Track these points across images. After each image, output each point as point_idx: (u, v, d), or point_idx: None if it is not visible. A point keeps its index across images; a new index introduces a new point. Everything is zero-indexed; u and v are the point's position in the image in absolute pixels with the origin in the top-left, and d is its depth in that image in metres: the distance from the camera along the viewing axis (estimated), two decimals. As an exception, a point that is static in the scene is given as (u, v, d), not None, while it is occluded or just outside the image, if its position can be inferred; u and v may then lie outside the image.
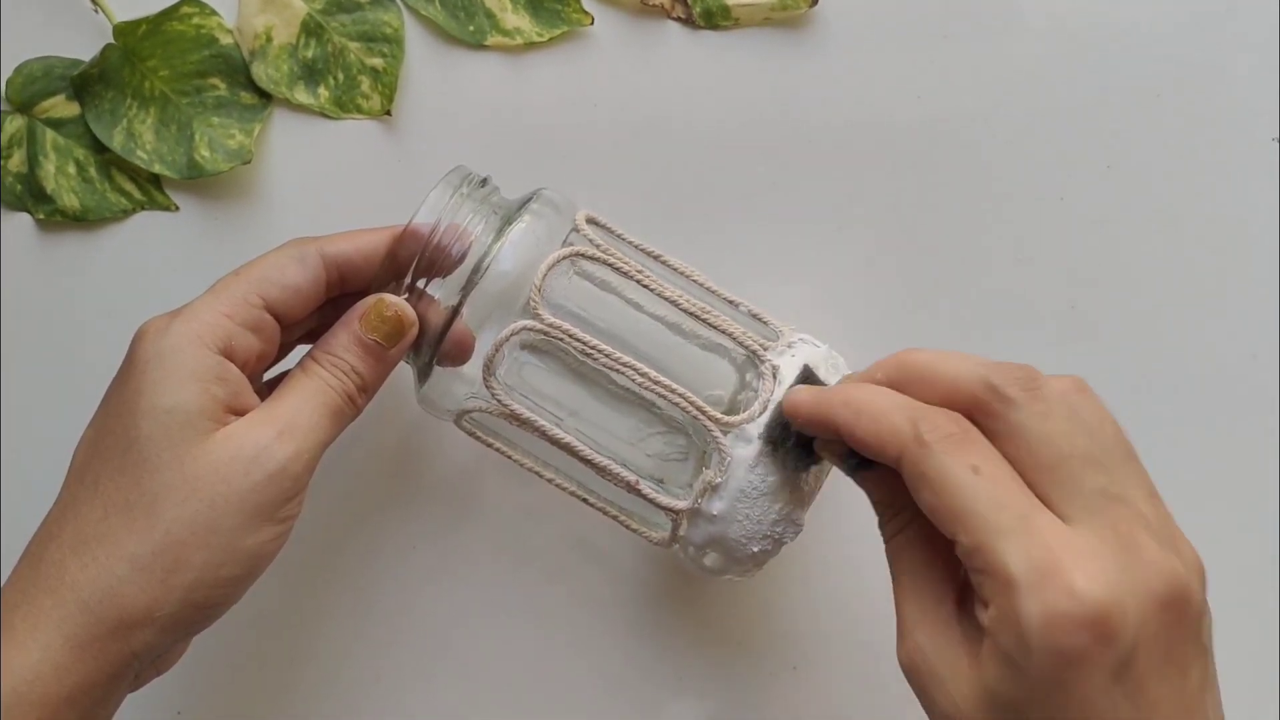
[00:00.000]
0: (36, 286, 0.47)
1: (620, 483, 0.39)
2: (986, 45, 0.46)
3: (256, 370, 0.39)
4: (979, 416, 0.32)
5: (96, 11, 0.46)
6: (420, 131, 0.47)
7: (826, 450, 0.36)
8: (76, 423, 0.37)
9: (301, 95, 0.47)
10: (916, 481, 0.31)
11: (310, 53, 0.46)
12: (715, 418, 0.38)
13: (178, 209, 0.47)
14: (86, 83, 0.46)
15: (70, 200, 0.47)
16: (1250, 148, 0.46)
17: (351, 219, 0.41)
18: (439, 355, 0.39)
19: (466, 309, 0.38)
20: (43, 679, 0.33)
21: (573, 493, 0.42)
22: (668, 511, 0.39)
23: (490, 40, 0.46)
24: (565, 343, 0.38)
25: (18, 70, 0.46)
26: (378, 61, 0.46)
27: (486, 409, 0.40)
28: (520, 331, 0.38)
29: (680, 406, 0.38)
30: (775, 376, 0.39)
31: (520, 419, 0.39)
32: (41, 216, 0.47)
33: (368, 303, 0.38)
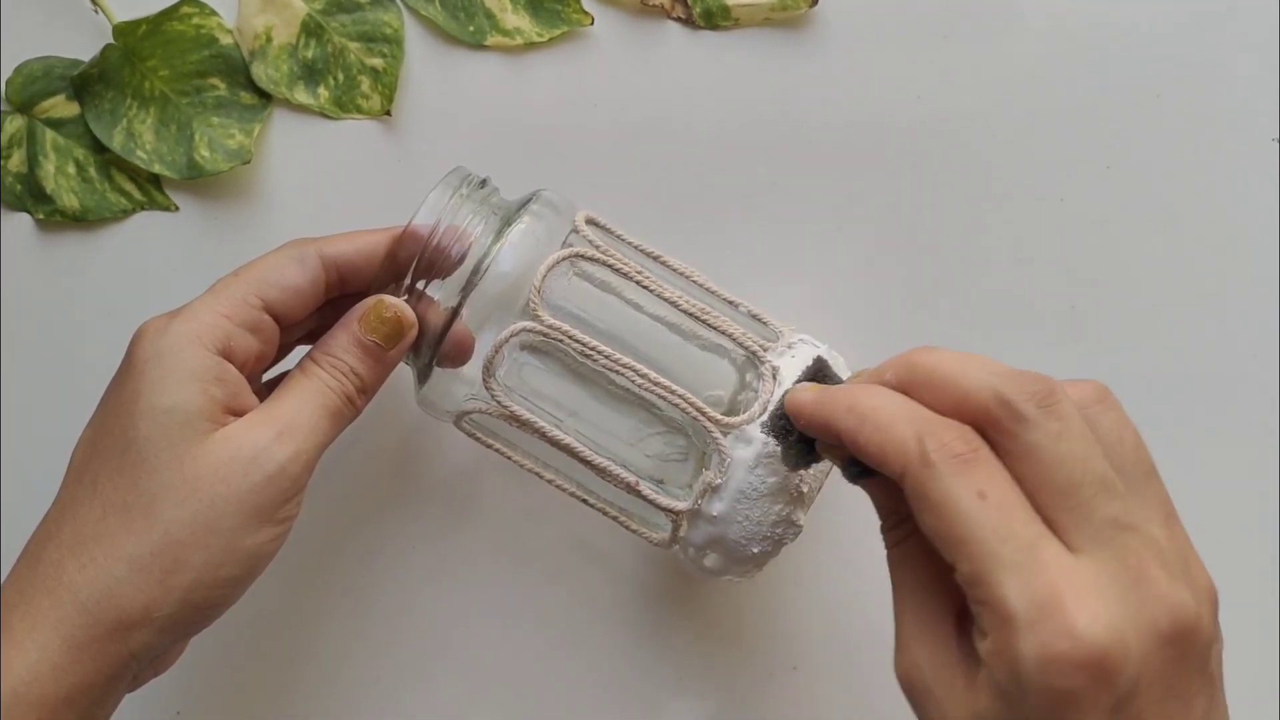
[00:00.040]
0: (36, 286, 0.47)
1: (620, 483, 0.39)
2: (986, 45, 0.46)
3: (255, 371, 0.39)
4: (990, 431, 0.30)
5: (96, 11, 0.46)
6: (420, 131, 0.47)
7: (829, 452, 0.35)
8: (76, 423, 0.37)
9: (301, 95, 0.46)
10: (919, 502, 0.30)
11: (310, 53, 0.46)
12: (715, 418, 0.38)
13: (178, 209, 0.47)
14: (86, 83, 0.46)
15: (70, 200, 0.46)
16: (1250, 148, 0.46)
17: (351, 219, 0.41)
18: (438, 356, 0.39)
19: (466, 310, 0.38)
20: (40, 680, 0.33)
21: (572, 494, 0.42)
22: (668, 512, 0.39)
23: (490, 40, 0.46)
24: (565, 344, 0.38)
25: (18, 70, 0.46)
26: (378, 61, 0.46)
27: (486, 410, 0.40)
28: (520, 332, 0.38)
29: (680, 407, 0.38)
30: (775, 377, 0.39)
31: (520, 420, 0.39)
32: (41, 216, 0.47)
33: (367, 304, 0.38)
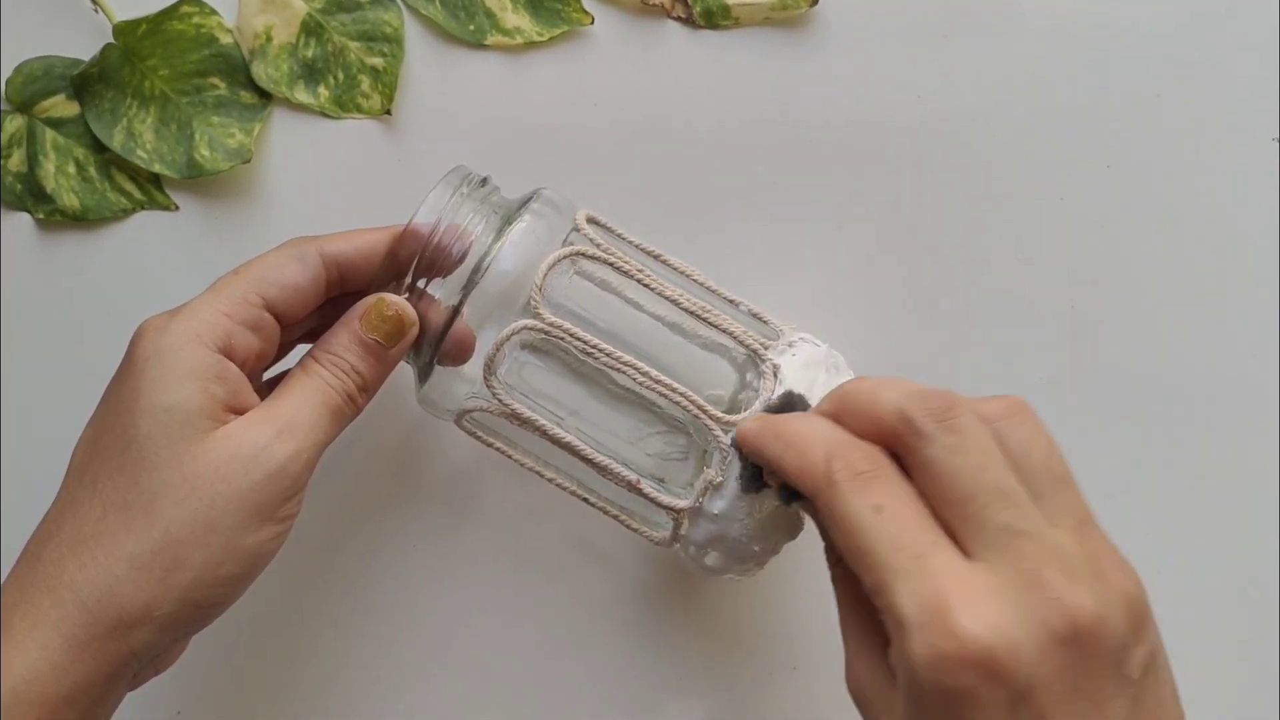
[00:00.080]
0: (36, 286, 0.47)
1: (621, 482, 0.39)
2: (986, 45, 0.46)
3: (256, 369, 0.39)
4: (898, 449, 0.31)
5: (96, 11, 0.46)
6: (420, 131, 0.47)
7: (771, 478, 0.36)
8: (76, 422, 0.37)
9: (301, 95, 0.46)
10: (827, 520, 0.31)
11: (310, 52, 0.46)
12: (716, 417, 0.38)
13: (178, 209, 0.47)
14: (86, 82, 0.46)
15: (70, 200, 0.46)
16: (1250, 148, 0.46)
17: (351, 219, 0.41)
18: (439, 355, 0.39)
19: (467, 309, 0.38)
20: (41, 678, 0.33)
21: (573, 492, 0.42)
22: (669, 510, 0.39)
23: (490, 40, 0.46)
24: (566, 342, 0.38)
25: (18, 70, 0.46)
26: (378, 61, 0.46)
27: (487, 409, 0.40)
28: (521, 331, 0.38)
29: (681, 406, 0.38)
30: (776, 375, 0.39)
31: (521, 418, 0.39)
32: (41, 216, 0.47)
33: (368, 302, 0.38)
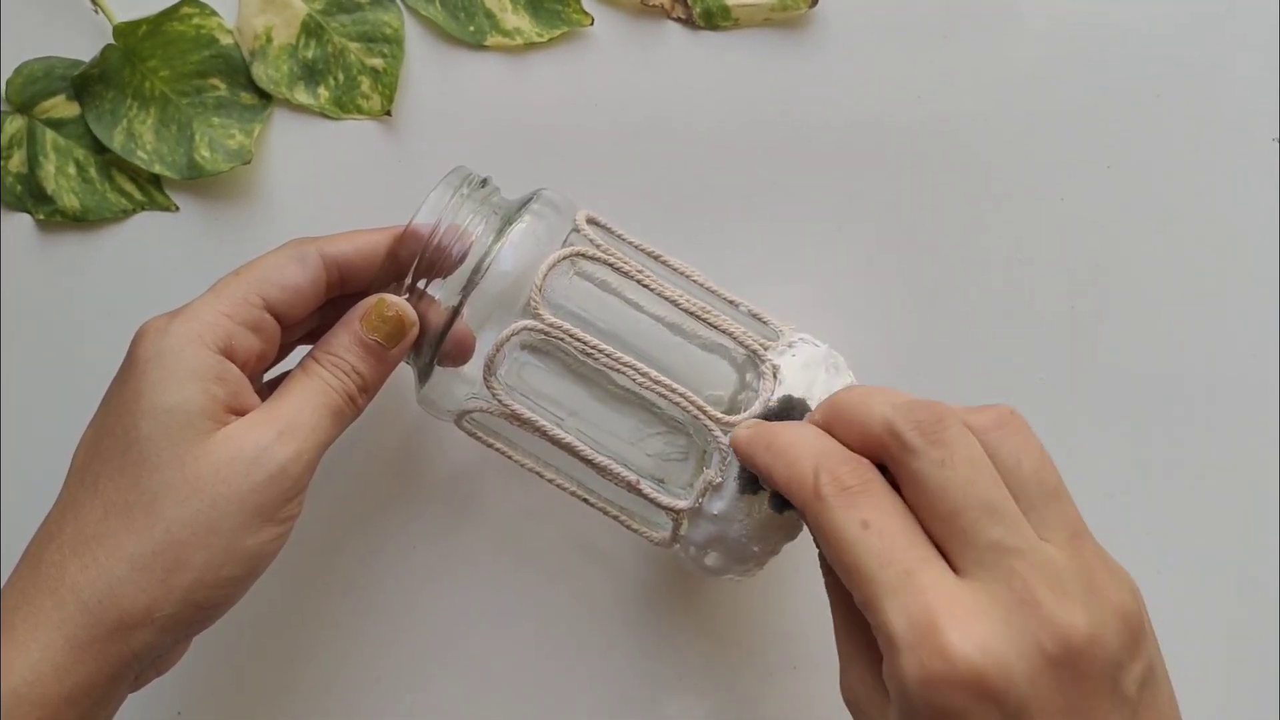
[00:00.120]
0: (36, 286, 0.47)
1: (621, 482, 0.39)
2: (986, 45, 0.46)
3: (256, 370, 0.39)
4: (887, 462, 0.31)
5: (96, 12, 0.46)
6: (420, 131, 0.47)
7: (765, 484, 0.36)
8: (76, 423, 0.37)
9: (301, 95, 0.46)
10: (815, 534, 0.31)
11: (310, 53, 0.46)
12: (716, 417, 0.38)
13: (178, 209, 0.47)
14: (86, 83, 0.46)
15: (70, 201, 0.46)
16: (1250, 148, 0.46)
17: (351, 219, 0.41)
18: (439, 355, 0.39)
19: (467, 309, 0.38)
20: (43, 679, 0.33)
21: (573, 493, 0.42)
22: (669, 511, 0.39)
23: (490, 40, 0.46)
24: (566, 343, 0.38)
25: (18, 70, 0.46)
26: (378, 62, 0.46)
27: (487, 409, 0.40)
28: (521, 331, 0.38)
29: (681, 406, 0.38)
30: (776, 376, 0.39)
31: (521, 419, 0.39)
32: (41, 217, 0.47)
33: (369, 303, 0.38)
